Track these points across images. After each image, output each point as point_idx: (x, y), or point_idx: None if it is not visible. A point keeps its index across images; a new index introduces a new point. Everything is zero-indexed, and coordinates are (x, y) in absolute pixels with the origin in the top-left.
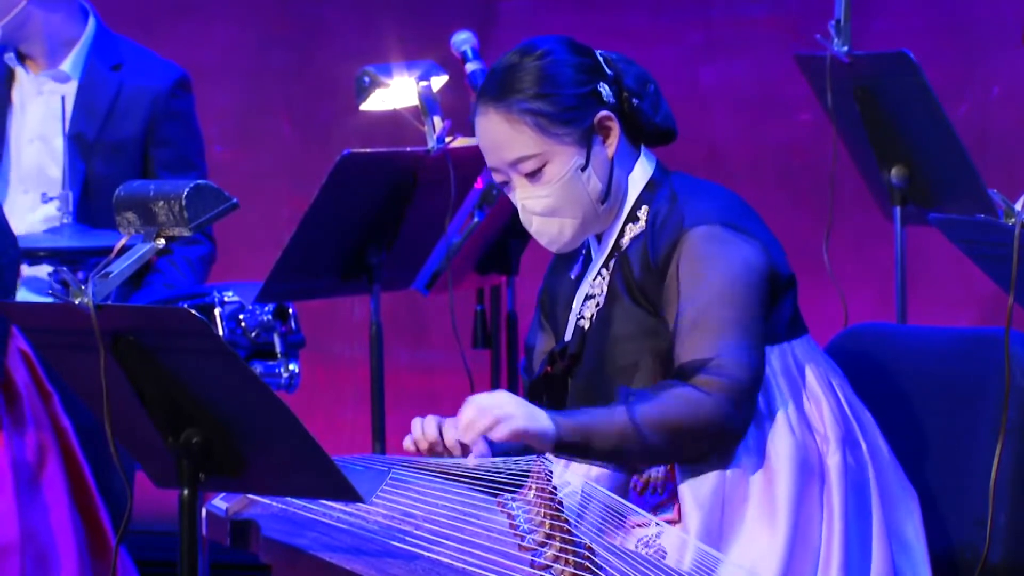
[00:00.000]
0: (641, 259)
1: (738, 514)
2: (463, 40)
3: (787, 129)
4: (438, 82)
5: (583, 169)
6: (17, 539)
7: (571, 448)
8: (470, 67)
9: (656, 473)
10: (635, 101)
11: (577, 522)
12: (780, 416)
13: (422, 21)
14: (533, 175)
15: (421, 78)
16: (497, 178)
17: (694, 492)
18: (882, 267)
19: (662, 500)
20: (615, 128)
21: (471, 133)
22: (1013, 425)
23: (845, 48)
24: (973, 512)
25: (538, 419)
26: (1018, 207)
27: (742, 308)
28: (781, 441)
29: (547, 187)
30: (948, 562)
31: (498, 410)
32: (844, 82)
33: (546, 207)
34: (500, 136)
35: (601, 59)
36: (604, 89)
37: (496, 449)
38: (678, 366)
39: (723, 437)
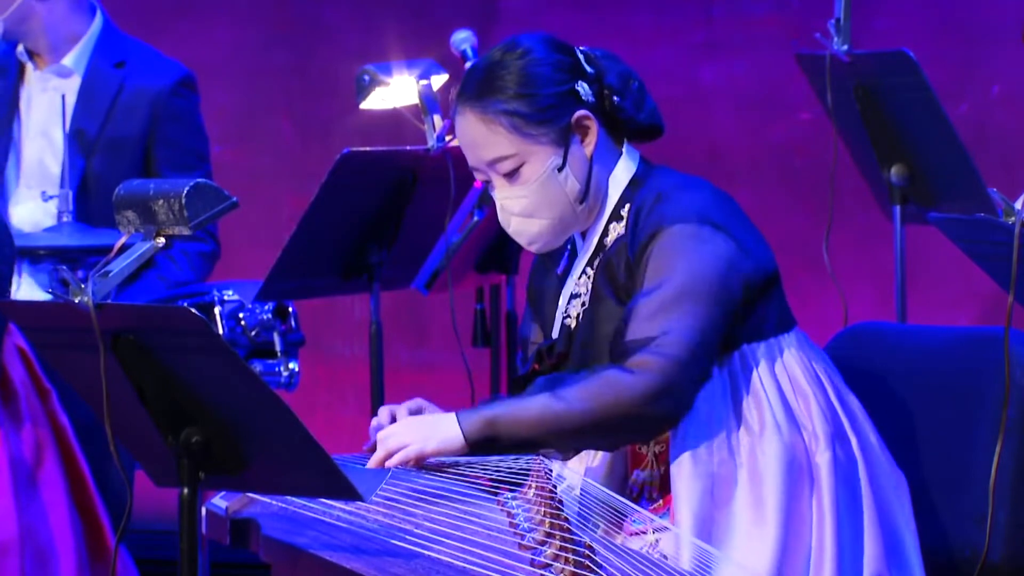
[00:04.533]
0: (624, 260)
1: (728, 516)
2: (463, 39)
3: (788, 128)
4: (438, 81)
5: (560, 169)
6: (16, 537)
7: (484, 443)
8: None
9: (652, 479)
10: (616, 99)
11: (578, 521)
12: (768, 416)
13: (422, 20)
14: (510, 175)
15: (421, 77)
16: (479, 177)
17: (687, 495)
18: (882, 266)
19: (657, 504)
20: (593, 127)
21: None
22: (1013, 424)
23: (845, 47)
24: (973, 510)
25: (438, 432)
26: (1018, 206)
27: (701, 304)
28: (769, 442)
29: (524, 187)
30: (948, 560)
31: (392, 440)
32: (844, 81)
33: (523, 208)
34: (477, 136)
35: (582, 57)
36: (583, 88)
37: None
38: (619, 347)
39: (645, 422)
